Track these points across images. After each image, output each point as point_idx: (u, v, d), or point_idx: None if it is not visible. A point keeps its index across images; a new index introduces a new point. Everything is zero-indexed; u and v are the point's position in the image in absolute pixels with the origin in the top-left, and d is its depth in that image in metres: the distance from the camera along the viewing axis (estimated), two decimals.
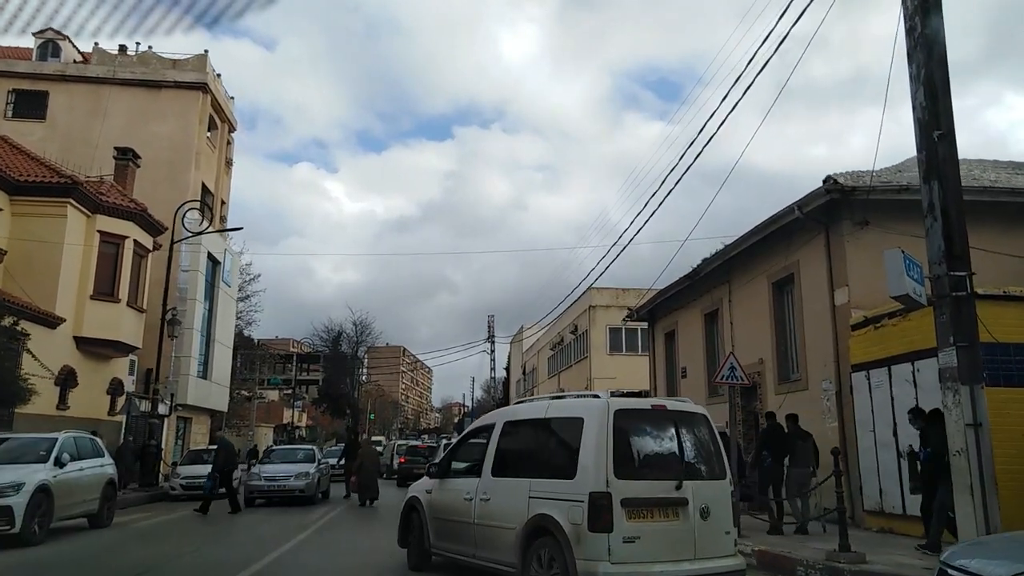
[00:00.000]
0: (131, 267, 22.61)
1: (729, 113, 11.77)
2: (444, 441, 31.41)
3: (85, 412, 21.53)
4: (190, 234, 23.43)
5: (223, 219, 34.34)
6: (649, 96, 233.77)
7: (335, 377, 79.15)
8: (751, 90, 11.32)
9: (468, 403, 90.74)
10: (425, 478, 8.97)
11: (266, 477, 18.80)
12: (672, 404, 7.08)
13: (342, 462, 22.66)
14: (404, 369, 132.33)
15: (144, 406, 26.77)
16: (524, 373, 63.98)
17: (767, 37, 10.86)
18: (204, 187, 31.03)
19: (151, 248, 24.13)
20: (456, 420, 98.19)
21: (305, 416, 75.82)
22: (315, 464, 19.74)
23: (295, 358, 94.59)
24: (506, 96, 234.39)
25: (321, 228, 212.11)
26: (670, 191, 17.38)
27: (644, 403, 7.18)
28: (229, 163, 34.24)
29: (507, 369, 71.41)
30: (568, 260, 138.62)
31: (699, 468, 6.65)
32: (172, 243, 23.56)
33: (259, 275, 47.21)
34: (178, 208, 23.53)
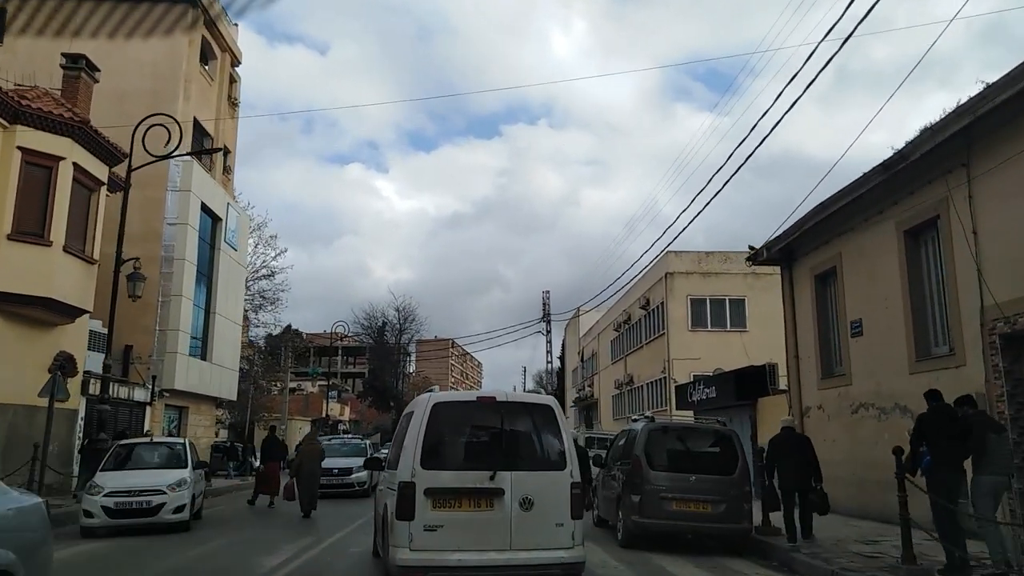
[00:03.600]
0: (71, 201, 16.42)
1: (788, 110, 10.94)
2: None
3: (8, 397, 15.47)
4: (154, 158, 17.19)
5: (227, 169, 28.22)
6: (699, 87, 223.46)
7: (381, 369, 74.13)
8: (798, 75, 10.55)
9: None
10: None
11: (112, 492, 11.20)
12: (505, 395, 6.99)
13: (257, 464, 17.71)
14: (453, 362, 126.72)
15: (123, 392, 20.73)
16: (582, 360, 56.86)
17: (831, 29, 9.68)
18: (198, 124, 24.87)
19: (104, 182, 17.95)
20: None
21: (348, 409, 70.42)
22: (187, 468, 12.45)
23: (340, 351, 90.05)
24: (553, 92, 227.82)
25: (373, 226, 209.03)
26: (726, 182, 13.89)
27: (469, 396, 7.87)
28: (234, 103, 28.10)
29: (561, 358, 64.42)
30: (617, 251, 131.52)
31: (525, 459, 6.54)
32: (129, 170, 17.30)
33: (285, 250, 41.18)
34: (137, 125, 17.29)
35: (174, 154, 17.36)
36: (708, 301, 32.73)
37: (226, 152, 27.98)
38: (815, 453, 10.61)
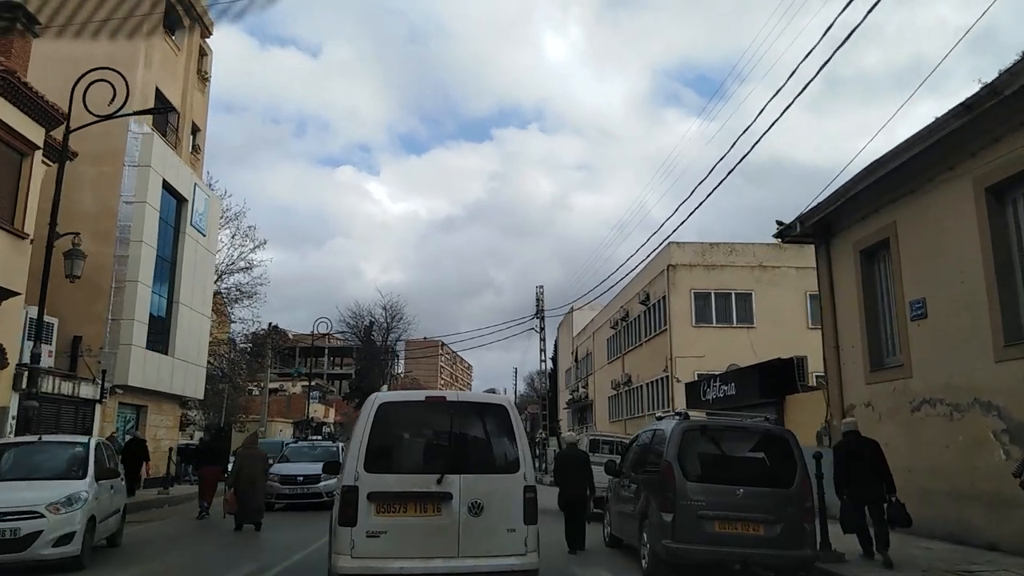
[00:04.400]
0: None
1: (780, 116, 10.88)
2: None
3: None
4: (96, 117, 14.84)
5: (196, 148, 25.80)
6: (689, 93, 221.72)
7: (368, 370, 71.78)
8: (789, 80, 10.55)
9: (510, 397, 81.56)
10: None
11: None
12: (456, 395, 6.87)
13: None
14: (443, 364, 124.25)
15: (66, 387, 18.32)
16: (576, 360, 54.66)
17: (824, 34, 9.38)
18: (161, 96, 22.50)
19: (39, 146, 15.58)
20: None
21: (333, 412, 67.91)
22: (86, 479, 8.96)
23: (327, 351, 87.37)
24: (545, 96, 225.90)
25: (365, 229, 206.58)
26: (715, 187, 13.83)
27: (418, 395, 7.49)
28: (204, 78, 25.71)
29: (553, 359, 62.12)
30: (608, 253, 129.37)
31: (476, 462, 6.16)
32: (67, 132, 14.90)
33: (265, 242, 38.74)
34: (77, 81, 14.94)
35: (118, 114, 14.97)
36: (713, 295, 30.59)
37: (195, 130, 25.60)
38: (885, 459, 8.54)
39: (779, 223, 14.31)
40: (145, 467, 19.68)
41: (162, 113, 15.57)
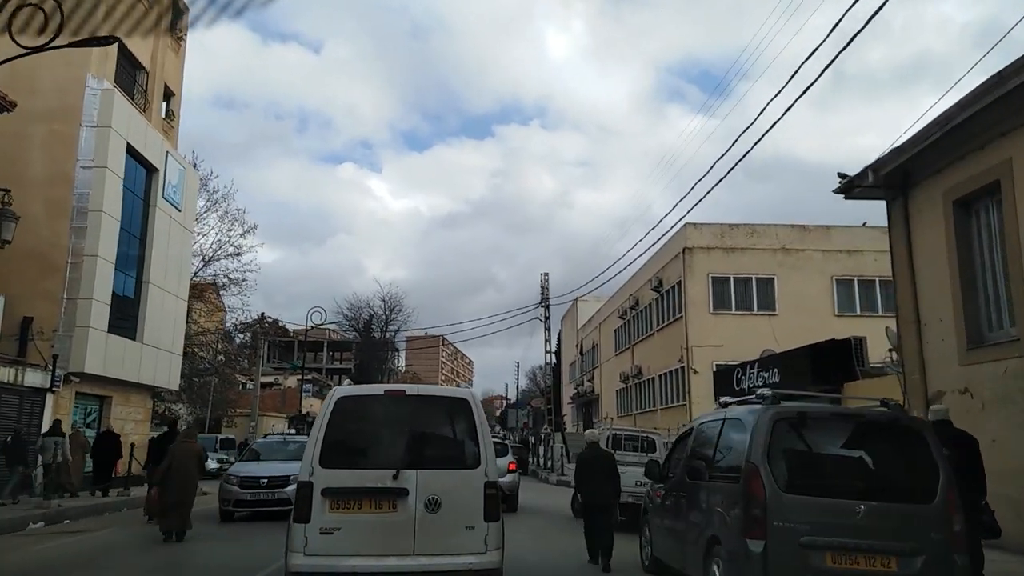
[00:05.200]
0: None
1: (784, 113, 10.10)
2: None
3: None
4: (26, 49, 12.40)
5: (170, 115, 23.33)
6: (692, 90, 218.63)
7: (367, 364, 69.63)
8: (794, 77, 10.07)
9: (512, 392, 79.13)
10: None
11: None
12: (416, 389, 6.49)
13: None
14: (443, 359, 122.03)
15: (8, 375, 15.95)
16: (581, 353, 52.26)
17: (832, 30, 8.85)
18: (125, 51, 20.07)
19: None
20: (498, 413, 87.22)
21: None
22: None
23: (326, 345, 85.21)
24: (546, 93, 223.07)
25: (367, 225, 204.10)
26: (717, 183, 13.22)
27: (377, 389, 7.31)
28: (179, 37, 23.26)
29: (557, 353, 59.70)
30: (614, 242, 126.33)
31: (434, 457, 5.97)
32: None
33: (255, 226, 36.28)
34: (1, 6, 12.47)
35: (50, 45, 12.50)
36: (732, 280, 28.14)
37: (169, 94, 23.17)
38: (980, 456, 6.27)
39: (841, 175, 11.86)
40: (117, 464, 17.47)
41: (103, 45, 13.23)
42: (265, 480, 11.82)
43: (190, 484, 9.95)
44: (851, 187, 11.64)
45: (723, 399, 6.83)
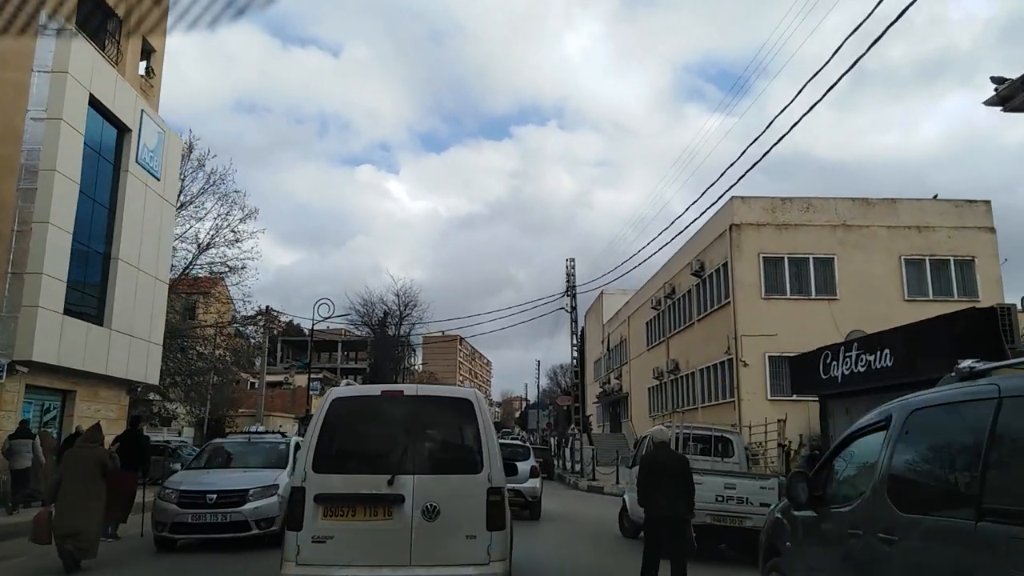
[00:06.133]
0: None
1: (805, 113, 10.30)
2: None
3: None
4: None
5: (150, 72, 20.49)
6: (711, 88, 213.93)
7: (381, 364, 66.84)
8: (811, 77, 10.22)
9: (532, 392, 76.03)
10: None
11: None
12: (415, 389, 6.12)
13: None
14: (461, 359, 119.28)
15: None
16: (607, 349, 49.05)
17: (853, 32, 8.59)
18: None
19: None
20: (517, 415, 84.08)
21: None
22: None
23: (340, 345, 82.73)
24: (564, 93, 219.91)
25: (385, 227, 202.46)
26: (735, 182, 12.79)
27: (374, 390, 6.53)
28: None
29: (580, 349, 56.45)
30: (625, 249, 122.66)
31: (432, 461, 5.62)
32: None
33: (257, 210, 33.35)
34: None
35: None
36: (786, 260, 24.87)
37: (149, 50, 20.39)
38: None
39: (994, 80, 8.65)
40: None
41: None
42: (213, 496, 8.39)
43: (90, 503, 7.02)
44: (1015, 94, 8.40)
45: (965, 364, 3.64)
